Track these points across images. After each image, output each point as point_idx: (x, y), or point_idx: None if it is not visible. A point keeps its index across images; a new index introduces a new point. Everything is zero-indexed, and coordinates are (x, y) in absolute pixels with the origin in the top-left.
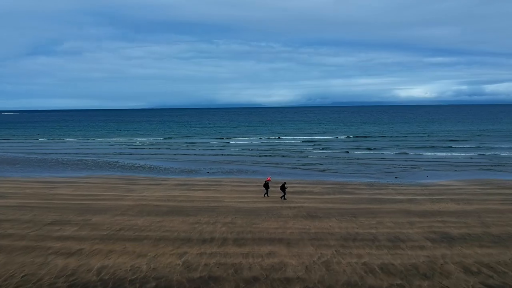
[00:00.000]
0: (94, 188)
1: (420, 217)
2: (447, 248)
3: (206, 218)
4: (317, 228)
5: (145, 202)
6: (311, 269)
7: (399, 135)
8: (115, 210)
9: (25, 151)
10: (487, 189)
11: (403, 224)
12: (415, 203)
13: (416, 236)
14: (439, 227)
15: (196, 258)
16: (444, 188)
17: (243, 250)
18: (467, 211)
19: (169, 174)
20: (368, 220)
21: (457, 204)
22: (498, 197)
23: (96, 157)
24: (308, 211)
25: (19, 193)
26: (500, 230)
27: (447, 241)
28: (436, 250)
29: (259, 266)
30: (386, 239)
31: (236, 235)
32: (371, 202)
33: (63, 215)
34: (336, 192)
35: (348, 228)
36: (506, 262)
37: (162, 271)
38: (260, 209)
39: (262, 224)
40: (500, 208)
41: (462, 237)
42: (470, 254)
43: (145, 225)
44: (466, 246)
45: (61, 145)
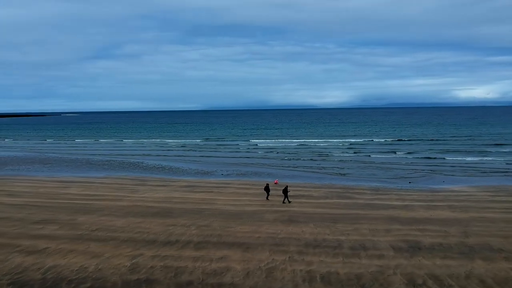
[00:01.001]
0: (103, 188)
1: (402, 224)
2: (407, 258)
3: (185, 221)
4: (287, 233)
5: (141, 203)
6: (251, 275)
7: (441, 138)
8: (106, 210)
9: (64, 151)
10: (497, 196)
11: (378, 232)
12: (409, 209)
13: (383, 244)
14: (414, 236)
15: (146, 261)
16: (450, 194)
17: (197, 254)
18: (457, 219)
19: (184, 175)
20: (345, 226)
21: (452, 211)
22: (503, 205)
23: (125, 158)
24: (291, 215)
25: (32, 192)
26: (478, 241)
27: (412, 251)
28: (393, 260)
29: (201, 271)
30: (349, 246)
31: (202, 239)
32: (363, 207)
33: (55, 214)
34: (335, 196)
35: (318, 234)
36: (458, 275)
37: (105, 272)
38: (246, 212)
39: (235, 228)
40: (496, 217)
41: (430, 247)
42: (426, 265)
43: (122, 226)
44: (428, 256)
45: (99, 146)
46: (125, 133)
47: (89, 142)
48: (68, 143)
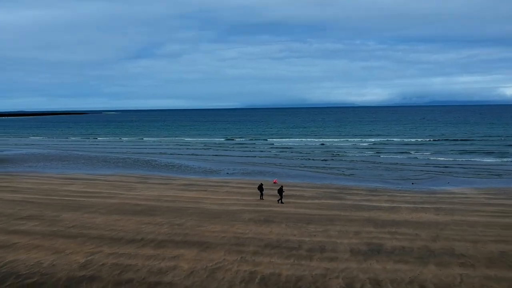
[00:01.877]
0: (104, 185)
1: (376, 227)
2: (360, 261)
3: (162, 219)
4: (254, 233)
5: (130, 201)
6: (193, 274)
7: (469, 138)
8: (94, 207)
9: (88, 149)
10: (495, 199)
11: (346, 234)
12: (393, 211)
13: (343, 247)
14: (380, 239)
15: (102, 258)
16: (446, 197)
17: (154, 252)
18: (437, 222)
19: (188, 174)
20: (316, 228)
21: (436, 214)
22: (494, 208)
23: (141, 156)
24: (270, 215)
25: (34, 188)
26: (443, 245)
27: (370, 254)
28: (344, 263)
29: (148, 269)
30: (308, 248)
31: (167, 237)
32: (347, 208)
33: (43, 211)
34: (326, 197)
35: (284, 235)
36: (402, 280)
37: (57, 268)
38: (227, 211)
39: (206, 227)
40: (479, 221)
41: (391, 251)
42: (374, 269)
43: (98, 224)
44: (383, 260)
45: (123, 144)
46: (152, 131)
47: (114, 140)
48: (97, 141)
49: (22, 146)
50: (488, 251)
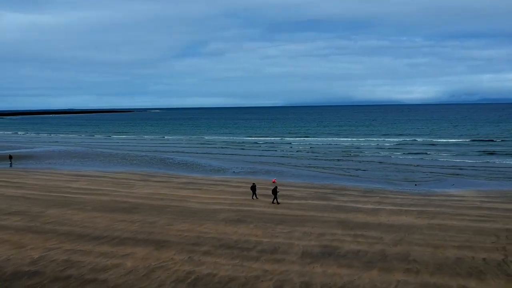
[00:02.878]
0: (105, 183)
1: (344, 229)
2: (304, 264)
3: (139, 217)
4: (218, 233)
5: (121, 198)
6: (132, 273)
7: (506, 138)
8: (82, 204)
9: (115, 147)
10: (490, 202)
11: (309, 235)
12: (372, 214)
13: (298, 249)
14: (341, 241)
15: (56, 254)
16: (439, 199)
17: (109, 250)
18: (410, 226)
19: (194, 172)
20: (283, 229)
21: (415, 217)
22: (482, 212)
23: (158, 154)
24: (245, 215)
25: (39, 184)
26: (401, 250)
27: (318, 257)
28: (286, 266)
29: (92, 266)
30: (261, 249)
31: (131, 235)
32: (328, 210)
33: (32, 207)
34: (315, 197)
35: (247, 235)
36: (333, 285)
37: (8, 263)
38: (206, 210)
39: (175, 226)
40: (456, 225)
41: (342, 254)
42: (312, 273)
43: (76, 220)
44: (328, 264)
45: (147, 142)
46: (181, 129)
47: (139, 138)
48: (125, 138)
49: (54, 144)
50: (444, 257)
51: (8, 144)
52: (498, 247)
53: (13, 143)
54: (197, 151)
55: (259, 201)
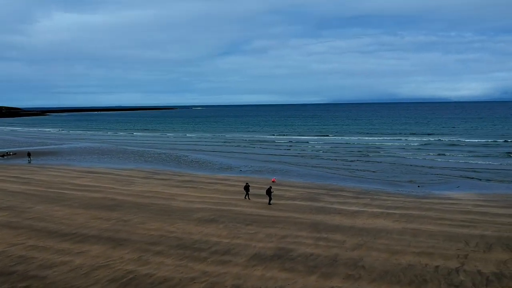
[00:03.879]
0: (108, 180)
1: (310, 231)
2: (247, 267)
3: (118, 214)
4: (184, 232)
5: (112, 195)
6: (75, 270)
7: None
8: (72, 201)
9: (140, 144)
10: (482, 206)
11: (271, 237)
12: (351, 216)
13: (251, 251)
14: (299, 244)
15: (16, 249)
16: (431, 202)
17: (67, 247)
18: (382, 230)
19: (200, 170)
20: (250, 230)
21: (393, 221)
22: (468, 217)
23: (176, 151)
24: (222, 215)
25: (45, 181)
26: (356, 255)
27: (266, 260)
28: (227, 267)
29: (41, 263)
30: (215, 250)
31: (99, 233)
32: (308, 211)
33: (24, 202)
34: (304, 198)
35: (210, 235)
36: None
37: None
38: (186, 209)
39: (146, 225)
40: (431, 230)
41: (292, 258)
42: (250, 276)
43: (57, 217)
44: (271, 267)
45: (170, 140)
46: (209, 126)
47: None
48: (154, 135)
49: (83, 140)
50: (395, 264)
51: (40, 140)
52: (460, 255)
53: (45, 139)
54: (215, 149)
55: (249, 201)
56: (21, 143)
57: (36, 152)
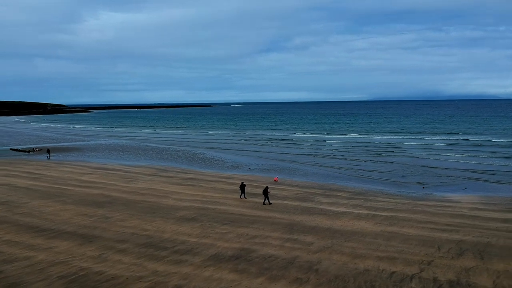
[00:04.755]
0: (114, 176)
1: (283, 233)
2: (199, 267)
3: (103, 211)
4: (157, 230)
5: (108, 192)
6: (33, 266)
7: None
8: (69, 197)
9: (164, 141)
10: (478, 210)
11: (239, 237)
12: (334, 217)
13: (212, 250)
14: (264, 245)
15: None
16: (426, 204)
17: (39, 242)
18: (357, 232)
19: (209, 167)
20: (223, 229)
21: (373, 224)
22: (454, 220)
23: (195, 149)
24: (205, 213)
25: (54, 176)
26: (315, 258)
27: (222, 261)
28: (180, 267)
29: (6, 257)
30: (178, 250)
31: (75, 229)
32: (292, 211)
33: (22, 198)
34: (296, 198)
35: (182, 234)
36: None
37: None
38: (172, 207)
39: (125, 222)
40: (408, 234)
41: (248, 259)
42: (196, 276)
43: (45, 212)
44: (222, 268)
45: (192, 137)
46: (238, 123)
47: (202, 133)
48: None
49: (110, 137)
50: (351, 269)
51: (70, 137)
52: (425, 261)
53: (75, 136)
54: (232, 147)
55: (241, 200)
56: (51, 139)
57: (61, 148)
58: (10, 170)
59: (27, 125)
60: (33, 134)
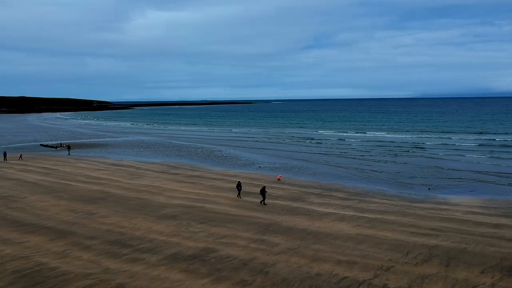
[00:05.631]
0: (121, 173)
1: (255, 233)
2: (152, 266)
3: (91, 207)
4: (133, 228)
5: (108, 188)
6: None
7: None
8: (69, 193)
9: (189, 138)
10: (472, 214)
11: (208, 237)
12: (315, 219)
13: (174, 250)
14: (226, 245)
15: None
16: (421, 207)
17: (13, 236)
18: (329, 234)
19: (219, 165)
20: (198, 228)
21: (354, 226)
22: (444, 225)
23: (215, 146)
24: (187, 211)
25: (65, 172)
26: (269, 261)
27: (178, 260)
28: (133, 266)
29: None
30: (141, 248)
31: (56, 224)
32: (277, 211)
33: (23, 192)
34: (289, 198)
35: (153, 232)
36: None
37: None
38: (162, 205)
39: (107, 219)
40: (383, 237)
41: (205, 259)
42: (143, 275)
43: (36, 207)
44: (175, 268)
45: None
46: (267, 121)
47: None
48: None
49: (138, 134)
50: (303, 272)
51: (102, 133)
52: (384, 266)
53: (106, 132)
54: (250, 145)
55: (233, 199)
56: (82, 135)
57: (87, 144)
58: (29, 165)
59: (65, 121)
60: (68, 130)
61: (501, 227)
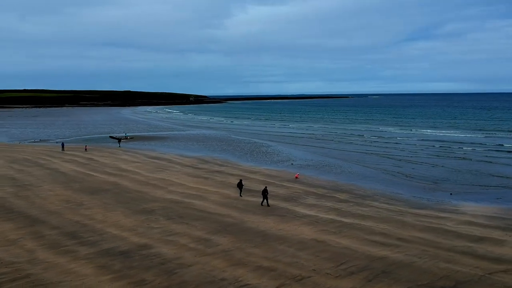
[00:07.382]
0: (149, 166)
1: (214, 233)
2: (75, 259)
3: (88, 199)
4: (101, 221)
5: (121, 181)
6: None
7: None
8: (79, 183)
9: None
10: (475, 225)
11: (162, 234)
12: (286, 221)
13: (112, 244)
14: (171, 243)
15: None
16: (422, 214)
17: None
18: (281, 237)
19: (253, 161)
20: (161, 225)
21: (317, 230)
22: (424, 236)
23: (265, 141)
24: (169, 207)
25: (100, 163)
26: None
27: (105, 256)
28: (62, 258)
29: None
30: (86, 241)
31: (39, 213)
32: (261, 212)
33: (41, 182)
34: (285, 198)
35: (113, 226)
36: (58, 282)
37: None
38: (153, 198)
39: (87, 210)
40: (341, 246)
41: (133, 255)
42: (55, 265)
43: (41, 196)
44: (90, 262)
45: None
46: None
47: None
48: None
49: (204, 128)
50: (207, 276)
51: (174, 126)
52: (301, 276)
53: (177, 125)
54: (299, 142)
55: (232, 197)
56: (155, 127)
57: (148, 137)
58: (79, 156)
59: (149, 114)
60: (146, 123)
61: (483, 241)
